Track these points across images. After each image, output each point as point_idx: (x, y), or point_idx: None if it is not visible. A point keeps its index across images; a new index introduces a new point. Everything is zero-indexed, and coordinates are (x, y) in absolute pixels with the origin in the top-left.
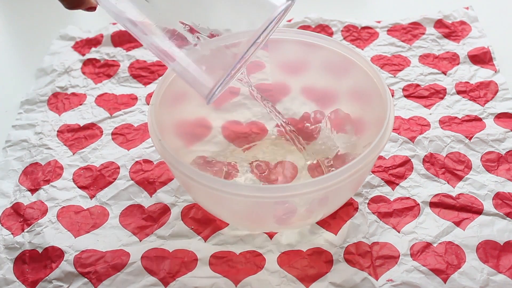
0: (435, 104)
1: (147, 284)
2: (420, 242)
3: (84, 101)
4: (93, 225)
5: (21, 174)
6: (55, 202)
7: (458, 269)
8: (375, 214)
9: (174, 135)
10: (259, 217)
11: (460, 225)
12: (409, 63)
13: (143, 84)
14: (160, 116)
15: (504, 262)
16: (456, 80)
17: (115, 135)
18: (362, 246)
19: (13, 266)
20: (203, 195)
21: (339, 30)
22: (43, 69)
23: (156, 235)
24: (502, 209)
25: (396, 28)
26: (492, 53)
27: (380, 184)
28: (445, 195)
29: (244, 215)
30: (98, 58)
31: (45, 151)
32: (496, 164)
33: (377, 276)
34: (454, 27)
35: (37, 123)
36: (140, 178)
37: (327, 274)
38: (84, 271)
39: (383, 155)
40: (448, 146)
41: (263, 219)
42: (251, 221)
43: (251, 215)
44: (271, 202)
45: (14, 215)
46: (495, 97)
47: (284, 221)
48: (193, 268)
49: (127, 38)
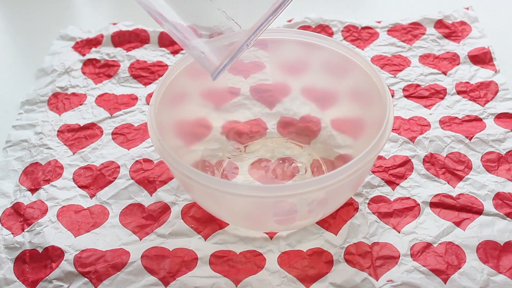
0: (435, 104)
1: (147, 283)
2: (420, 242)
3: (84, 101)
4: (93, 224)
5: (21, 174)
6: (55, 201)
7: (458, 270)
8: (375, 214)
9: (174, 135)
10: (258, 217)
11: (460, 225)
12: (409, 63)
13: (143, 84)
14: (160, 116)
15: (504, 262)
16: (457, 80)
17: (115, 135)
18: (362, 246)
19: (13, 266)
20: (203, 195)
21: (339, 30)
22: (43, 69)
23: (156, 233)
24: (502, 209)
25: (396, 28)
26: (492, 53)
27: (380, 184)
28: (445, 195)
29: (243, 215)
30: (98, 58)
31: (45, 151)
32: (496, 164)
33: (377, 276)
34: (454, 28)
35: (37, 123)
36: (140, 177)
37: (327, 274)
38: (84, 270)
39: (383, 155)
40: (448, 146)
41: (263, 219)
42: (251, 221)
43: (251, 215)
44: (271, 202)
45: (14, 215)
46: (495, 97)
47: (284, 222)
48: (193, 267)
49: (127, 38)
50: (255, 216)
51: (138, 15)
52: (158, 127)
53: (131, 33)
